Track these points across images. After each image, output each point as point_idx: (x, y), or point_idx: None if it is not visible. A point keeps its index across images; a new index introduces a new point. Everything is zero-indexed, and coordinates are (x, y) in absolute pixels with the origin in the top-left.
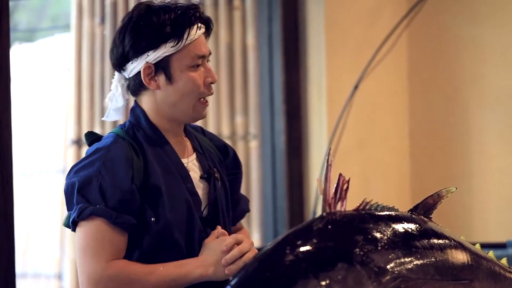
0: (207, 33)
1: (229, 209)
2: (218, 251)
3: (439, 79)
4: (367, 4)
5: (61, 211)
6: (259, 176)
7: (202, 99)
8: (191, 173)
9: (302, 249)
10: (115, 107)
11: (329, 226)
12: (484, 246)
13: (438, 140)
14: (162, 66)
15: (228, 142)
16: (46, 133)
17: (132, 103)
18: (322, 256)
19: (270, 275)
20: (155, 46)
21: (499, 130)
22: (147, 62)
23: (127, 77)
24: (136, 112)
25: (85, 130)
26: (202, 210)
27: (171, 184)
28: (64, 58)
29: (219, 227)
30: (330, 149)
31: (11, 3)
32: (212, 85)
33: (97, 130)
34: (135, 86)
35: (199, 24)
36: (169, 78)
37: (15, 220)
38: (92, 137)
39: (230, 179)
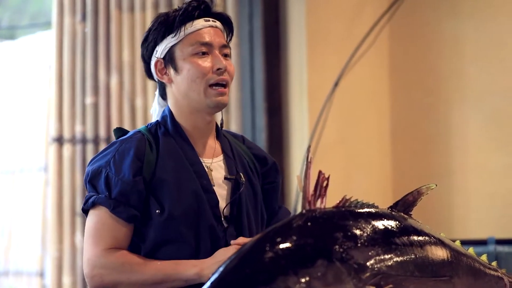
0: (228, 29)
1: (257, 214)
2: (221, 258)
3: (420, 75)
4: (348, 0)
5: (42, 209)
6: None
7: (214, 86)
8: (214, 173)
9: (282, 246)
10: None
11: (309, 223)
12: (465, 243)
13: (420, 136)
14: (168, 59)
15: None
16: (27, 131)
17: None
18: (302, 253)
19: (250, 271)
20: (160, 40)
21: (480, 126)
22: (157, 58)
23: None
24: (164, 113)
25: (66, 127)
26: (222, 208)
27: (180, 178)
28: (45, 56)
29: (241, 239)
30: (309, 146)
31: None
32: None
33: (78, 128)
34: (160, 88)
35: (208, 18)
36: (176, 68)
37: None
38: (119, 133)
39: (267, 188)
